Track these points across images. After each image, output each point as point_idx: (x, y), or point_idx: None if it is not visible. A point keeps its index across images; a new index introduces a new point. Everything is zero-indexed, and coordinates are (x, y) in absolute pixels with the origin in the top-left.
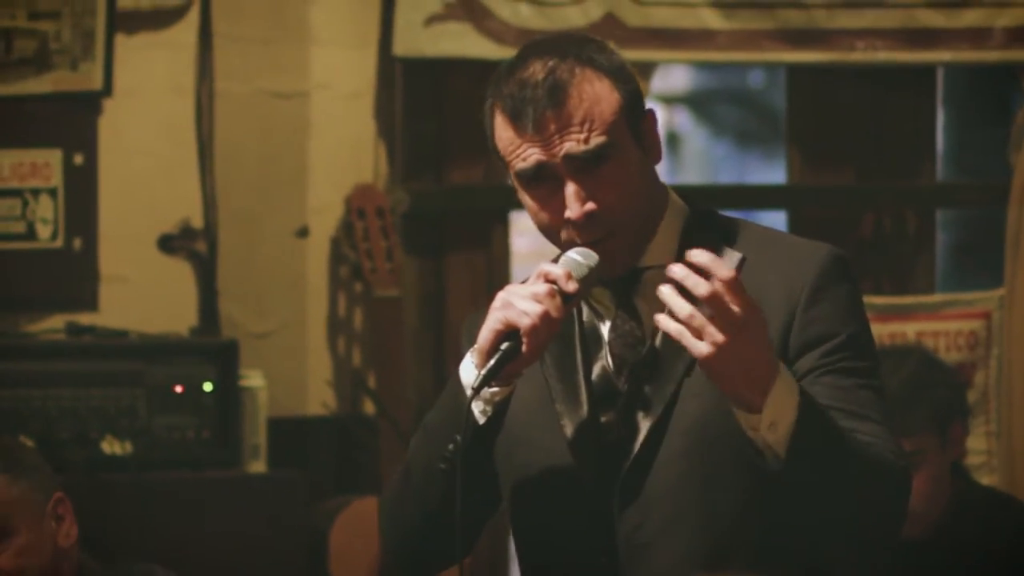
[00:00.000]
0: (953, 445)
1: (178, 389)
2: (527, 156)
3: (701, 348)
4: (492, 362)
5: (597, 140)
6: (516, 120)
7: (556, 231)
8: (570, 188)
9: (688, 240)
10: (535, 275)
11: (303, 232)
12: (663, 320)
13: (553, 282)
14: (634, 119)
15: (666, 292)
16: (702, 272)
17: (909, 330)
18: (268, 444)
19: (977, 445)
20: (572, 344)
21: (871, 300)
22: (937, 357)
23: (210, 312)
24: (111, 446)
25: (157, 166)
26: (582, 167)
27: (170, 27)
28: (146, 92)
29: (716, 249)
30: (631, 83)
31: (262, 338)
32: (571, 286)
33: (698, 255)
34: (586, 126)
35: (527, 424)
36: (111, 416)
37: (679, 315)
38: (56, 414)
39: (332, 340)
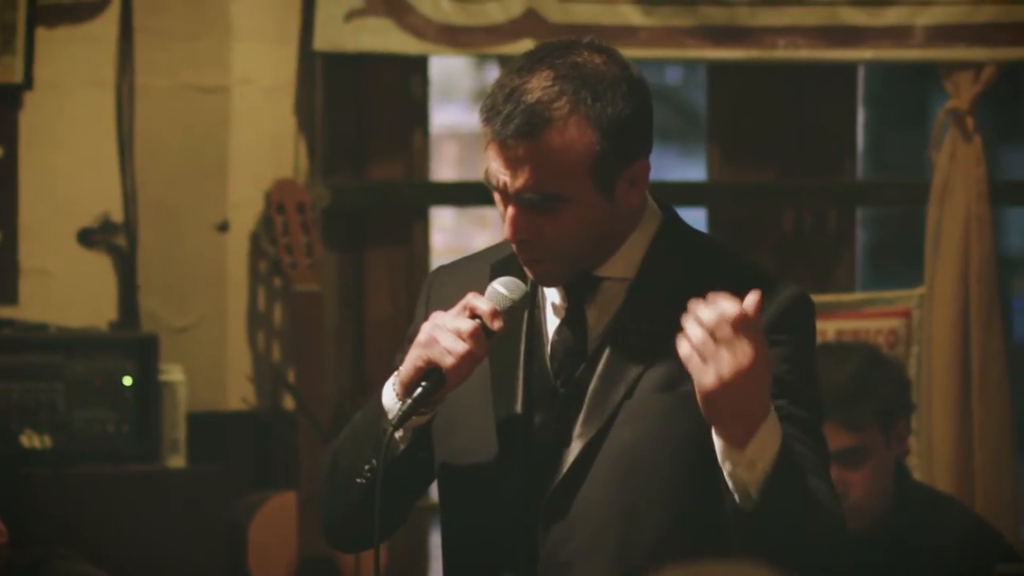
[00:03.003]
0: (898, 441)
1: (98, 383)
2: (489, 160)
3: (707, 377)
4: (410, 400)
5: (546, 190)
6: (488, 120)
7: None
8: (510, 211)
9: (653, 255)
10: (461, 306)
11: (223, 227)
12: (680, 342)
13: (479, 317)
14: (606, 172)
15: (688, 321)
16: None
17: (829, 328)
18: (187, 438)
19: None
20: (518, 333)
21: None
22: (883, 353)
23: (130, 306)
24: (30, 439)
25: (77, 160)
26: (527, 202)
27: (91, 21)
28: (67, 86)
29: (679, 267)
30: (622, 136)
31: (182, 332)
32: (496, 324)
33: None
34: (541, 173)
35: (468, 408)
36: (30, 409)
37: (692, 341)
38: None
39: (252, 335)
